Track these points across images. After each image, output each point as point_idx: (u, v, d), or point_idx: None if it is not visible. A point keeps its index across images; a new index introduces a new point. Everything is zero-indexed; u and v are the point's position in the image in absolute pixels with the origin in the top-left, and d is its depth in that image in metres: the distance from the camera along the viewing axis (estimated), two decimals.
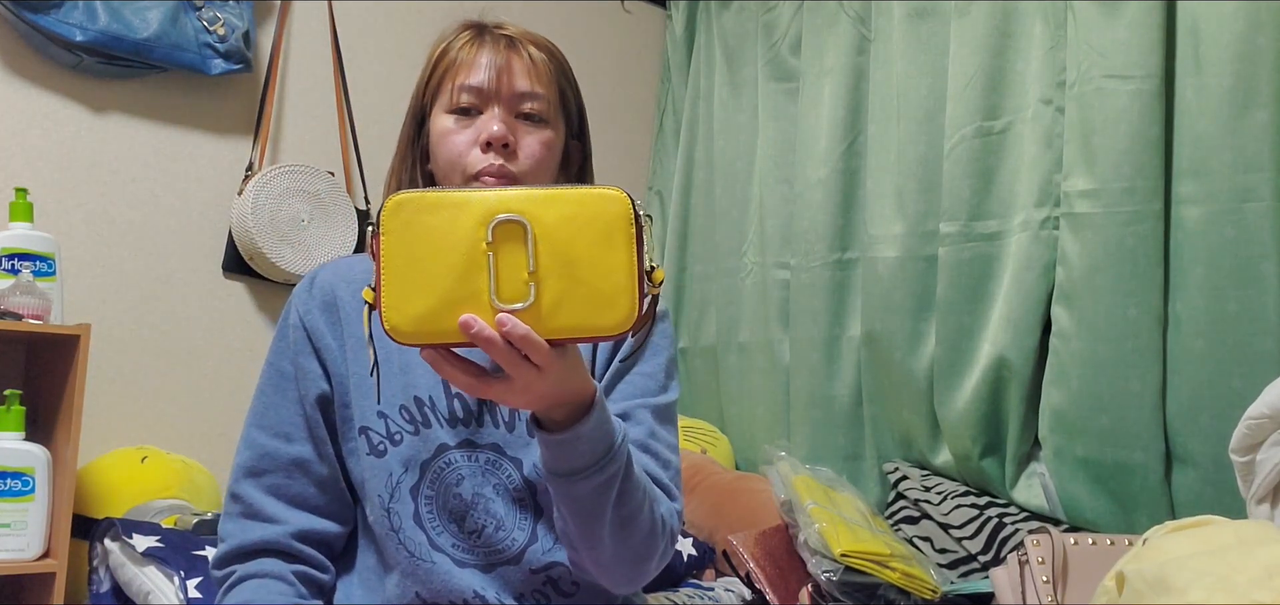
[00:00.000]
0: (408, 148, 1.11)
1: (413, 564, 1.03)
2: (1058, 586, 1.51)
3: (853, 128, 2.30)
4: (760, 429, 2.44)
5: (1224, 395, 1.63)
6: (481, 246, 0.77)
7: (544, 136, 1.06)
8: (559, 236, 0.78)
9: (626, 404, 1.07)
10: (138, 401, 2.06)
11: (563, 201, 0.79)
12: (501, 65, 1.05)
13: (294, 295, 1.12)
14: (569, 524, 0.95)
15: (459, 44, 1.08)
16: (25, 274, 1.71)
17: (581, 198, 0.79)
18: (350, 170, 2.33)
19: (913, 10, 2.15)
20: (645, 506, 0.96)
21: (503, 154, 1.03)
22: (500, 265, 0.77)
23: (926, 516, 1.98)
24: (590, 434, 0.88)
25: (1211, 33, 1.67)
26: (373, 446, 1.05)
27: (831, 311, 2.29)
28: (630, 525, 0.94)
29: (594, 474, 0.89)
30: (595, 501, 0.91)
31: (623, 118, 2.83)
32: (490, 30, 1.09)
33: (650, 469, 1.03)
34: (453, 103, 1.05)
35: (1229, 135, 1.64)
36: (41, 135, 1.99)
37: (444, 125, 1.06)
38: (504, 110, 1.04)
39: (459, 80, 1.05)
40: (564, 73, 1.11)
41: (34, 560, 1.62)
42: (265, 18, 2.24)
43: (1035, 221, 1.90)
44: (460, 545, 1.04)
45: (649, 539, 0.97)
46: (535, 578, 1.05)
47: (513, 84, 1.05)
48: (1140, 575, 1.07)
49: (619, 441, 0.91)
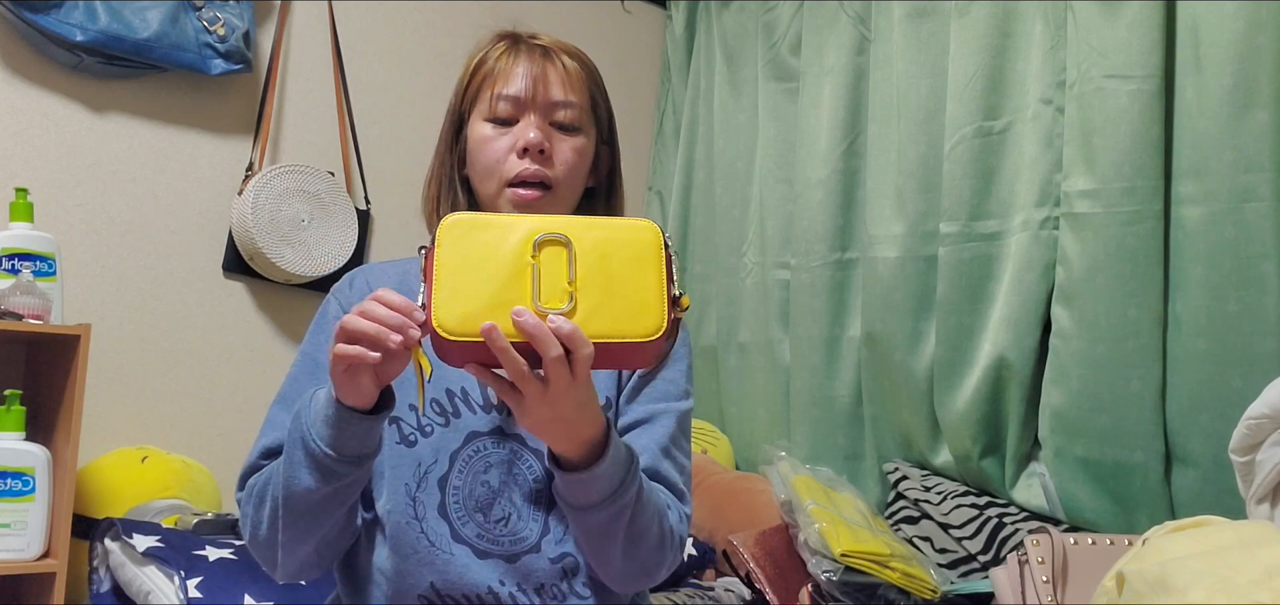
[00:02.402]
0: (446, 152, 1.15)
1: (432, 553, 1.04)
2: (1058, 586, 1.51)
3: (853, 128, 2.30)
4: (760, 429, 2.44)
5: (1224, 395, 1.63)
6: (527, 258, 0.85)
7: (577, 143, 1.11)
8: (597, 254, 0.86)
9: (652, 406, 1.11)
10: (138, 401, 2.06)
11: (601, 226, 0.88)
12: (537, 75, 1.10)
13: (335, 290, 1.16)
14: (585, 541, 1.02)
15: (495, 54, 1.12)
16: (25, 274, 1.71)
17: (618, 225, 0.88)
18: (350, 170, 2.33)
19: (913, 10, 2.15)
20: (655, 523, 1.02)
21: (539, 160, 1.08)
22: (543, 275, 0.85)
23: (926, 516, 1.98)
24: (606, 471, 0.94)
25: (1211, 33, 1.67)
26: (403, 436, 1.07)
27: (831, 311, 2.29)
28: (640, 542, 1.00)
29: (608, 505, 0.96)
30: (608, 528, 0.98)
31: (623, 118, 2.79)
32: (525, 41, 1.14)
33: (669, 474, 1.08)
34: (491, 111, 1.10)
35: (1229, 135, 1.64)
36: (41, 135, 1.99)
37: (482, 133, 1.10)
38: (540, 118, 1.09)
39: (497, 89, 1.10)
40: (595, 81, 1.17)
41: (34, 560, 1.62)
42: (265, 18, 2.24)
43: (1035, 221, 1.90)
44: (485, 535, 1.05)
45: (657, 551, 1.03)
46: (551, 570, 1.07)
47: (548, 93, 1.10)
48: (1140, 575, 1.07)
49: (631, 474, 0.97)
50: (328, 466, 0.93)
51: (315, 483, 0.94)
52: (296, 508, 0.96)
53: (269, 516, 0.99)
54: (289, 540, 0.98)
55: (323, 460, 0.93)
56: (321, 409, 0.93)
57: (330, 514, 0.99)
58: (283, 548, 0.99)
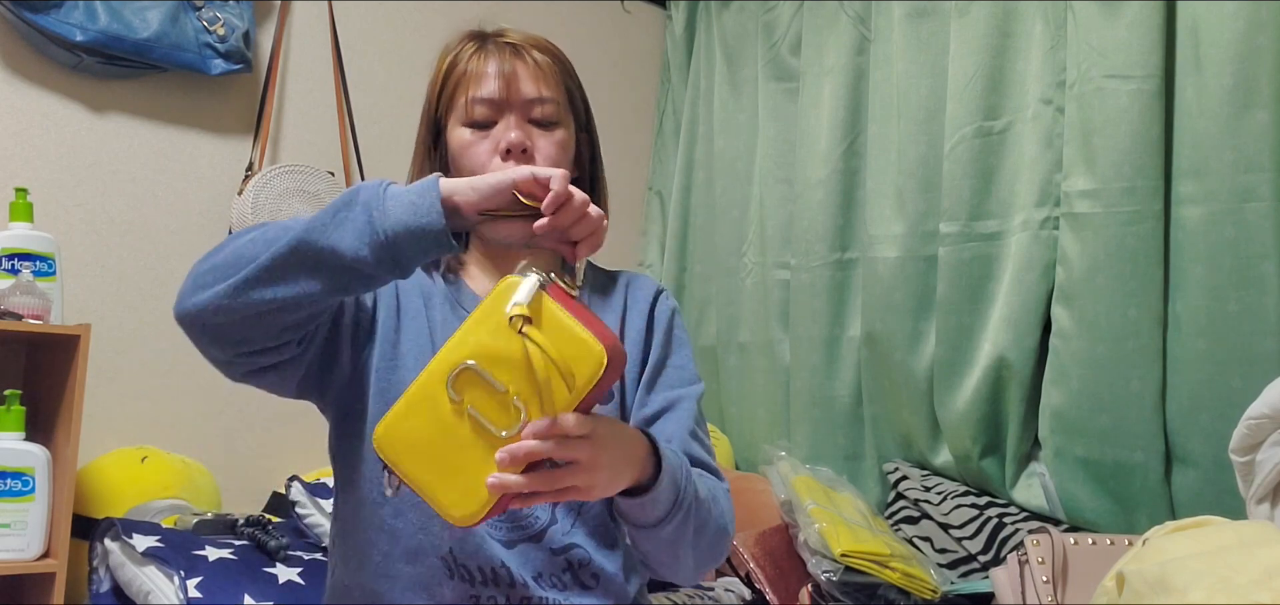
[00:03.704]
0: (425, 157, 1.15)
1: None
2: (1058, 586, 1.51)
3: (853, 128, 2.30)
4: (760, 429, 2.44)
5: (1224, 395, 1.63)
6: (460, 411, 0.84)
7: (557, 137, 1.11)
8: (502, 350, 0.83)
9: (671, 394, 1.12)
10: (138, 401, 2.06)
11: (481, 318, 0.85)
12: (510, 74, 1.09)
13: None
14: (657, 555, 1.04)
15: (466, 55, 1.12)
16: (25, 274, 1.71)
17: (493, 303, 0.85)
18: (350, 170, 2.33)
19: (913, 10, 2.15)
20: (712, 510, 1.04)
21: (521, 159, 1.07)
22: (484, 410, 0.84)
23: (926, 516, 1.98)
24: (666, 485, 0.96)
25: (1211, 33, 1.67)
26: None
27: (831, 311, 2.29)
28: (704, 532, 1.03)
29: (675, 514, 0.98)
30: (678, 534, 1.00)
31: (623, 118, 2.83)
32: (493, 39, 1.13)
33: (701, 455, 1.10)
34: (469, 116, 1.10)
35: (1229, 135, 1.64)
36: (41, 135, 1.99)
37: (462, 138, 1.10)
38: (518, 117, 1.09)
39: (472, 93, 1.09)
40: (567, 71, 1.15)
41: (34, 560, 1.61)
42: (265, 18, 2.24)
43: (1035, 221, 1.90)
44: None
45: (719, 538, 1.06)
46: (555, 560, 1.07)
47: (522, 91, 1.09)
48: (1140, 576, 1.08)
49: (684, 473, 0.99)
50: (378, 243, 0.87)
51: (349, 248, 0.88)
52: (297, 254, 0.89)
53: (253, 250, 0.90)
54: (246, 281, 0.89)
55: (379, 234, 0.87)
56: (407, 193, 0.88)
57: (316, 301, 0.92)
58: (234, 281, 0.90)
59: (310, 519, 1.78)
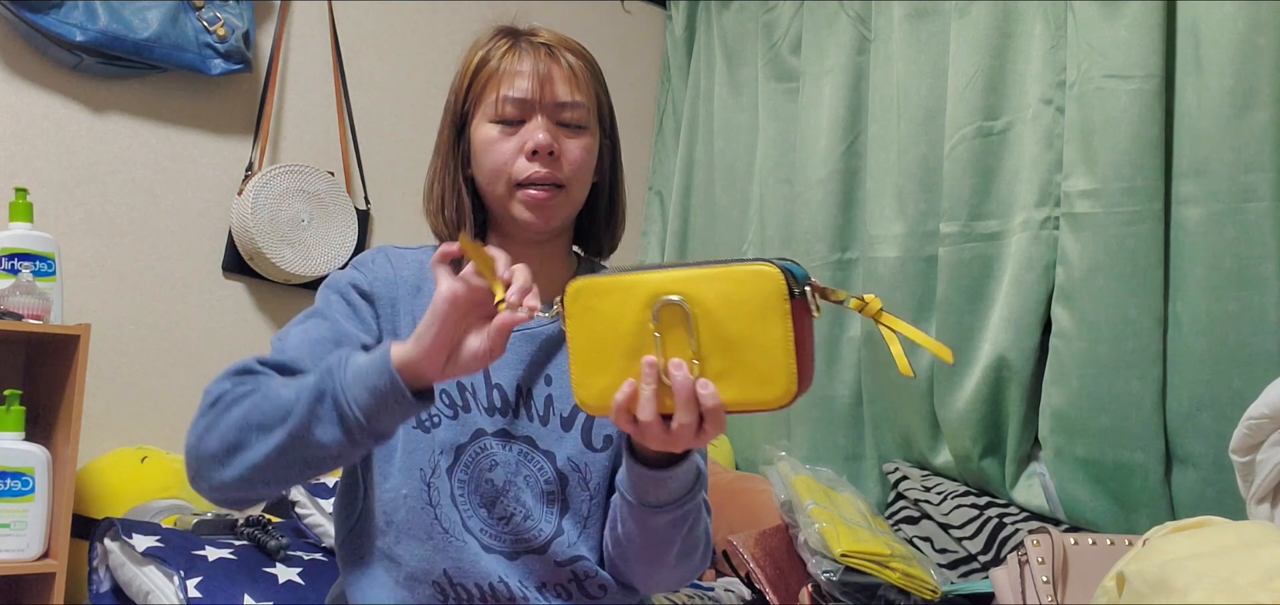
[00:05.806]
0: (449, 153, 1.13)
1: (446, 540, 1.05)
2: (1058, 587, 1.51)
3: (853, 128, 2.30)
4: (760, 429, 2.44)
5: (1224, 395, 1.63)
6: (649, 327, 0.84)
7: (584, 142, 1.10)
8: (717, 316, 0.82)
9: None
10: (138, 401, 2.06)
11: (720, 280, 0.83)
12: (544, 75, 1.08)
13: (356, 263, 1.14)
14: (637, 546, 1.03)
15: (498, 53, 1.10)
16: (25, 274, 1.71)
17: (738, 277, 0.83)
18: (350, 170, 2.33)
19: (913, 10, 2.15)
20: (702, 532, 1.05)
21: (548, 162, 1.06)
22: (666, 345, 0.84)
23: (926, 516, 1.98)
24: (682, 474, 0.96)
25: (1211, 33, 1.67)
26: (420, 421, 1.07)
27: (831, 311, 2.29)
28: (690, 553, 1.04)
29: (674, 509, 0.98)
30: (668, 533, 1.00)
31: (623, 118, 2.78)
32: (526, 37, 1.11)
33: (702, 467, 1.10)
34: (498, 113, 1.08)
35: (1229, 135, 1.64)
36: (41, 135, 1.99)
37: (488, 134, 1.08)
38: (547, 119, 1.08)
39: (502, 91, 1.08)
40: (598, 78, 1.16)
41: (34, 560, 1.62)
42: (265, 18, 2.24)
43: (1035, 221, 1.90)
44: (488, 530, 1.06)
45: (702, 560, 1.07)
46: (560, 571, 1.07)
47: (555, 93, 1.08)
48: (1141, 576, 1.07)
49: (700, 482, 1.00)
50: (354, 431, 0.88)
51: (331, 441, 0.89)
52: (291, 452, 0.91)
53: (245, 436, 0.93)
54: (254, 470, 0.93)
55: (352, 424, 0.88)
56: (366, 375, 0.88)
57: (315, 471, 0.94)
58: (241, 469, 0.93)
59: (310, 519, 1.78)
